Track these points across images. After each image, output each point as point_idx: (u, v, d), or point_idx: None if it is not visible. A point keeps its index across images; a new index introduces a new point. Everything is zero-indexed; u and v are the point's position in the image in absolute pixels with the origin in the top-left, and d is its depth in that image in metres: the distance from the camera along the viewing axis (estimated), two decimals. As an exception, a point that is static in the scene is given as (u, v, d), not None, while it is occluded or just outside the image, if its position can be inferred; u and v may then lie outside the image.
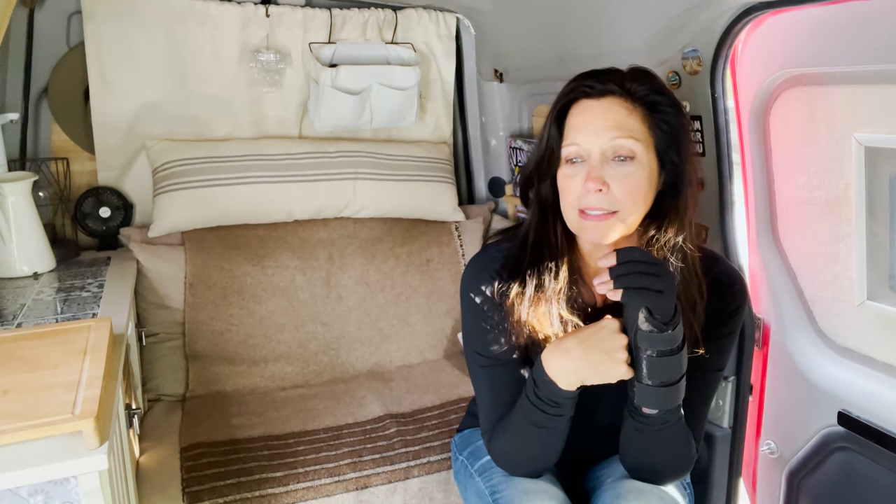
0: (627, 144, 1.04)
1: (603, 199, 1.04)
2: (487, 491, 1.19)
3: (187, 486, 1.43)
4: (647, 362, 1.02)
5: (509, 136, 2.38)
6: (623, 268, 0.97)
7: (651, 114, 1.06)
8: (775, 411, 1.50)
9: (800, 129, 1.36)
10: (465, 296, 1.19)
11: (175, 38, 2.06)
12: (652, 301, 0.98)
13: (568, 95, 1.09)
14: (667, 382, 1.03)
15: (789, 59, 1.31)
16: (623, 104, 1.06)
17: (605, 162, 1.05)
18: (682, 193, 1.09)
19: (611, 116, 1.05)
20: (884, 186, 1.23)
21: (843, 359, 1.35)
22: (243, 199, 2.08)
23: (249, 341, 1.98)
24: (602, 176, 1.03)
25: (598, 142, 1.04)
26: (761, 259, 1.49)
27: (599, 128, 1.04)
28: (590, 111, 1.06)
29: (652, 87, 1.07)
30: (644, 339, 1.01)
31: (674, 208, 1.09)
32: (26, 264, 1.76)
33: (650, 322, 1.00)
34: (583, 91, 1.07)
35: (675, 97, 1.10)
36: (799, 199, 1.41)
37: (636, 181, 1.05)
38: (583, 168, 1.06)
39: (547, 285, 1.11)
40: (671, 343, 1.01)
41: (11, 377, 1.06)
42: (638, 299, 0.98)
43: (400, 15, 2.25)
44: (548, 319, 1.11)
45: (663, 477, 1.16)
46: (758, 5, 1.26)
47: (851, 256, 1.31)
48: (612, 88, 1.06)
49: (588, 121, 1.06)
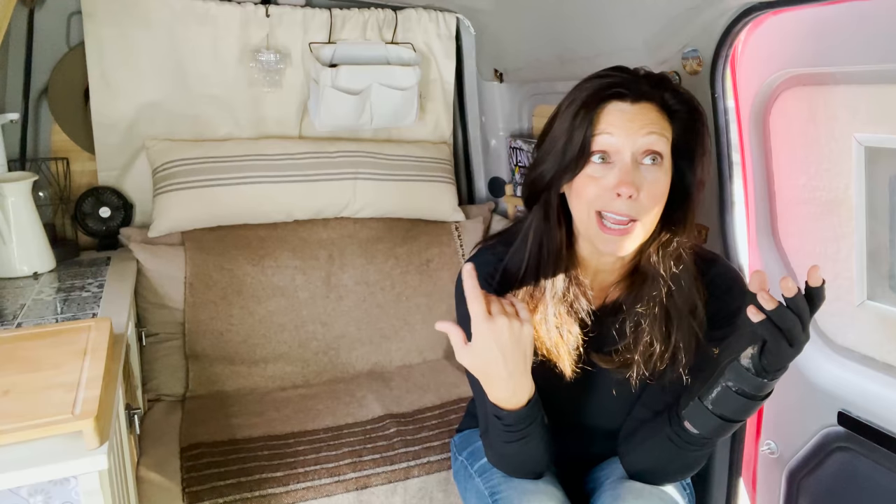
0: (660, 143, 1.02)
1: (631, 205, 1.01)
2: (487, 492, 1.19)
3: (187, 486, 1.43)
4: (721, 390, 0.98)
5: (509, 136, 2.38)
6: (796, 304, 0.89)
7: (674, 120, 1.06)
8: (775, 411, 1.50)
9: (800, 129, 1.36)
10: (461, 300, 1.17)
11: (175, 38, 2.06)
12: (777, 347, 0.90)
13: (601, 94, 1.03)
14: (727, 417, 1.00)
15: (789, 59, 1.31)
16: (655, 108, 1.04)
17: (637, 165, 1.02)
18: (693, 200, 1.08)
19: (647, 116, 1.02)
20: (884, 186, 1.23)
21: (843, 359, 1.35)
22: (243, 199, 2.08)
23: (249, 341, 1.98)
24: (635, 180, 1.00)
25: (633, 140, 1.01)
26: (761, 259, 1.49)
27: (635, 126, 1.01)
28: (625, 113, 1.02)
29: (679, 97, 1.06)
30: (735, 370, 0.96)
31: (683, 214, 1.09)
32: (26, 264, 1.76)
33: (754, 361, 0.94)
34: (618, 93, 1.03)
35: (699, 104, 1.09)
36: (799, 199, 1.41)
37: (661, 187, 1.03)
38: (610, 170, 1.02)
39: (545, 290, 1.10)
40: (757, 390, 0.96)
41: (11, 377, 1.06)
42: (768, 335, 0.90)
43: (400, 15, 2.25)
44: (544, 325, 1.10)
45: (666, 482, 1.15)
46: (758, 5, 1.26)
47: (851, 256, 1.31)
48: (648, 92, 1.04)
49: (624, 121, 1.02)
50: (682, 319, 1.08)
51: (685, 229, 1.09)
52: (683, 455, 1.08)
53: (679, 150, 1.06)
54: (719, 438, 1.05)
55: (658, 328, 1.08)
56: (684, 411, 1.03)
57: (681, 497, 1.16)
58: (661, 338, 1.08)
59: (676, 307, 1.09)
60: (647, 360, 1.09)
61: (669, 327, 1.09)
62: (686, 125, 1.06)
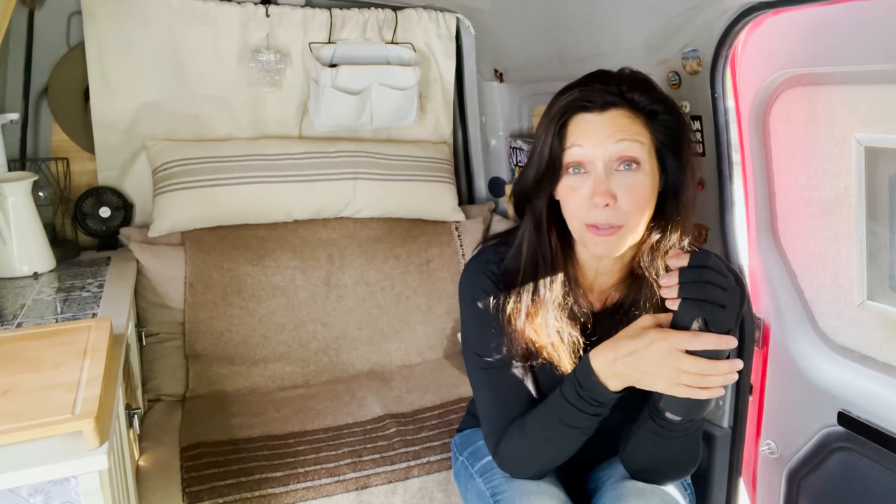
0: (633, 148, 1.02)
1: (610, 213, 1.02)
2: (489, 492, 1.19)
3: (187, 486, 1.43)
4: None
5: (509, 136, 2.38)
6: (693, 273, 0.94)
7: (651, 121, 1.05)
8: (775, 411, 1.50)
9: (800, 129, 1.36)
10: (464, 300, 1.18)
11: (175, 38, 2.06)
12: (711, 314, 0.94)
13: (567, 108, 1.05)
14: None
15: (789, 59, 1.31)
16: (625, 113, 1.04)
17: (610, 173, 1.02)
18: (684, 196, 1.08)
19: (617, 124, 1.03)
20: (884, 186, 1.23)
21: (843, 359, 1.35)
22: (243, 199, 2.08)
23: (249, 341, 1.98)
24: (609, 189, 1.01)
25: (602, 149, 1.02)
26: (761, 259, 1.49)
27: (604, 134, 1.02)
28: (592, 123, 1.03)
29: (652, 96, 1.06)
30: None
31: (676, 211, 1.09)
32: (26, 264, 1.76)
33: (701, 326, 0.95)
34: (582, 105, 1.04)
35: (675, 102, 1.09)
36: (799, 199, 1.41)
37: (642, 191, 1.03)
38: (586, 179, 1.03)
39: (543, 296, 1.11)
40: (716, 358, 0.97)
41: (11, 377, 1.06)
42: (696, 309, 0.94)
43: (400, 15, 2.25)
44: (545, 330, 1.10)
45: (666, 479, 1.16)
46: (758, 5, 1.26)
47: (851, 256, 1.31)
48: (613, 100, 1.03)
49: (591, 131, 1.03)
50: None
51: (678, 229, 1.09)
52: (671, 445, 1.08)
53: (663, 151, 1.07)
54: (697, 417, 1.04)
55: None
56: (661, 404, 1.04)
57: (682, 497, 1.16)
58: None
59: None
60: None
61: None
62: (666, 125, 1.06)
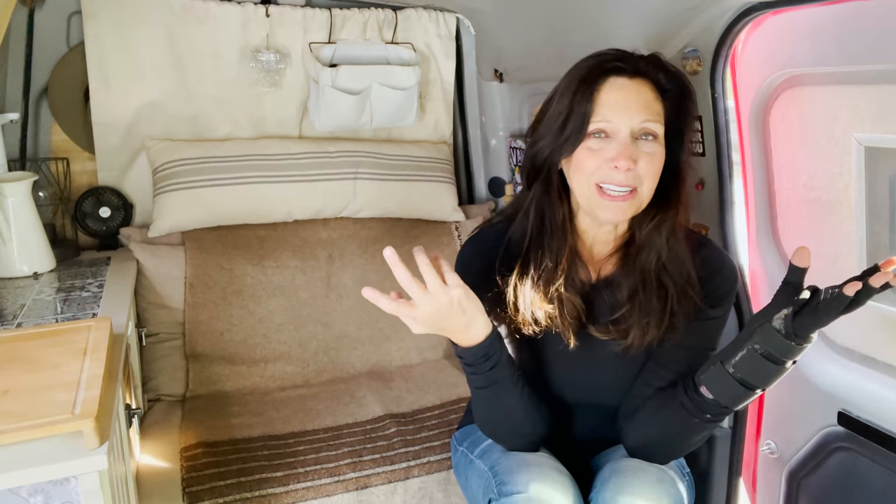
0: (655, 127, 1.07)
1: (630, 176, 1.05)
2: (487, 467, 1.20)
3: (187, 486, 1.43)
4: (745, 353, 0.99)
5: (509, 136, 2.38)
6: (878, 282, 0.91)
7: (670, 103, 1.10)
8: (775, 411, 1.50)
9: (800, 129, 1.36)
10: (458, 272, 1.19)
11: (175, 38, 2.05)
12: (812, 315, 0.94)
13: (600, 69, 1.08)
14: (746, 382, 1.01)
15: (789, 59, 1.31)
16: (652, 88, 1.08)
17: (635, 140, 1.06)
18: (683, 174, 1.13)
19: (643, 98, 1.07)
20: (884, 186, 1.23)
21: (843, 359, 1.35)
22: (243, 199, 2.08)
23: (249, 341, 1.98)
24: (633, 154, 1.04)
25: (630, 122, 1.05)
26: (761, 259, 1.50)
27: (633, 108, 1.06)
28: (623, 90, 1.07)
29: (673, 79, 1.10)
30: (764, 332, 0.98)
31: (676, 189, 1.12)
32: (26, 264, 1.76)
33: (786, 323, 0.96)
34: (616, 67, 1.07)
35: (691, 85, 1.13)
36: (799, 199, 1.41)
37: (658, 161, 1.07)
38: (608, 143, 1.06)
39: (549, 264, 1.12)
40: (783, 353, 0.97)
41: (11, 377, 1.06)
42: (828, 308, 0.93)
43: (400, 15, 2.25)
44: (545, 297, 1.12)
45: (665, 456, 1.17)
46: (758, 5, 1.26)
47: (851, 256, 1.31)
48: (644, 68, 1.08)
49: (622, 100, 1.06)
50: (676, 287, 1.11)
51: (677, 205, 1.12)
52: (691, 424, 1.09)
53: (670, 128, 1.10)
54: (733, 408, 1.06)
55: (654, 297, 1.11)
56: (703, 376, 1.05)
57: (679, 480, 1.16)
58: (657, 307, 1.11)
59: (670, 276, 1.12)
60: (644, 330, 1.11)
61: (664, 296, 1.11)
62: (676, 104, 1.11)
